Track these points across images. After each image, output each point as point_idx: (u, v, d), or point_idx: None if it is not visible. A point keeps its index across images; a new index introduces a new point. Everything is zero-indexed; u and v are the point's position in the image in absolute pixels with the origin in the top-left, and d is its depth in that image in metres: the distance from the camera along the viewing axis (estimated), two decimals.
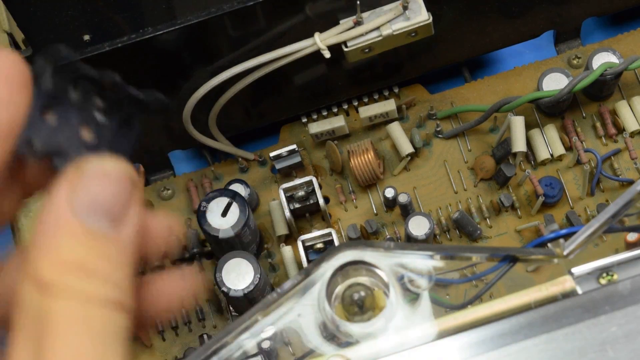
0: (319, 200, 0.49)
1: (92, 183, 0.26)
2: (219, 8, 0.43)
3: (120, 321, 0.26)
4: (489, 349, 0.35)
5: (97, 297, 0.26)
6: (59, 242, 0.26)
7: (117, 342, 0.26)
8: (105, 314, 0.26)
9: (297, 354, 0.37)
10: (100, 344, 0.26)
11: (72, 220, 0.26)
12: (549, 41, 0.55)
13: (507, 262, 0.38)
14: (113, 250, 0.27)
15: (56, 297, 0.26)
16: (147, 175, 0.53)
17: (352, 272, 0.37)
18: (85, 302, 0.26)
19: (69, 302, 0.26)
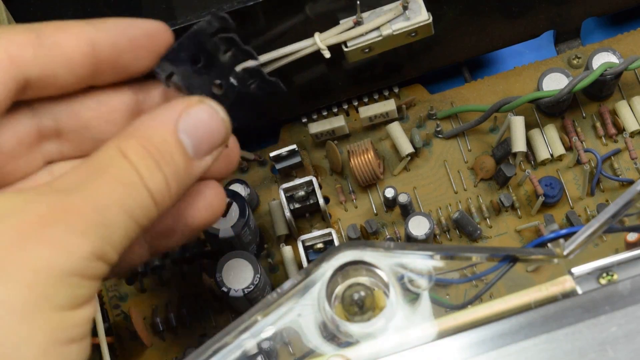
0: (319, 200, 0.49)
1: (201, 114, 0.33)
2: (219, 8, 0.43)
3: (149, 213, 0.32)
4: (489, 349, 0.35)
5: (148, 186, 0.32)
6: (153, 132, 0.32)
7: (133, 220, 0.31)
8: (144, 199, 0.32)
9: (297, 354, 0.37)
10: (122, 210, 0.31)
11: (171, 126, 0.33)
12: (549, 41, 0.55)
13: (507, 262, 0.38)
14: (182, 171, 0.33)
15: (124, 160, 0.32)
16: None
17: (352, 272, 0.37)
18: (138, 181, 0.32)
19: (129, 171, 0.32)
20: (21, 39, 0.32)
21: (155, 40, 0.34)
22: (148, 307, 0.50)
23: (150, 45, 0.34)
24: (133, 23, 0.34)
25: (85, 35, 0.33)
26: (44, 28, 0.33)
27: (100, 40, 0.33)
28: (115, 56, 0.34)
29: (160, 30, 0.35)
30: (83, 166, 0.32)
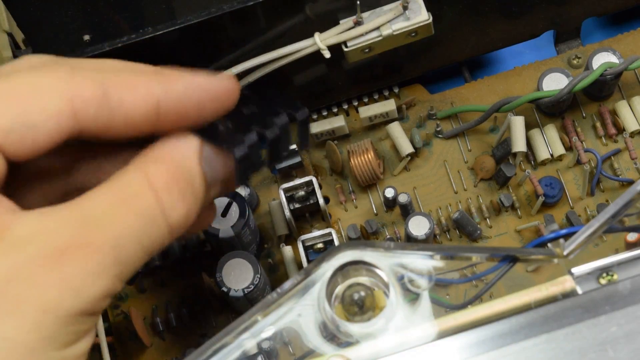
0: (319, 200, 0.49)
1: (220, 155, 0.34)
2: (219, 8, 0.43)
3: (163, 243, 0.32)
4: (489, 349, 0.35)
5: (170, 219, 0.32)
6: (181, 159, 0.33)
7: (147, 253, 0.31)
8: (163, 233, 0.32)
9: (297, 354, 0.37)
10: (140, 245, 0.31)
11: (196, 154, 0.33)
12: (549, 41, 0.55)
13: (507, 262, 0.38)
14: (200, 201, 0.33)
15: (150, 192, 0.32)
16: None
17: (352, 272, 0.37)
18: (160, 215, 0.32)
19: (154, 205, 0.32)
20: (88, 94, 0.31)
21: (223, 104, 0.34)
22: (148, 307, 0.50)
23: (216, 108, 0.34)
24: (203, 84, 0.33)
25: (152, 97, 0.32)
26: (112, 84, 0.32)
27: (167, 101, 0.33)
28: (176, 116, 0.33)
29: (229, 90, 0.34)
30: (110, 192, 0.32)
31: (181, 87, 0.33)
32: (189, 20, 0.43)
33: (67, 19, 0.44)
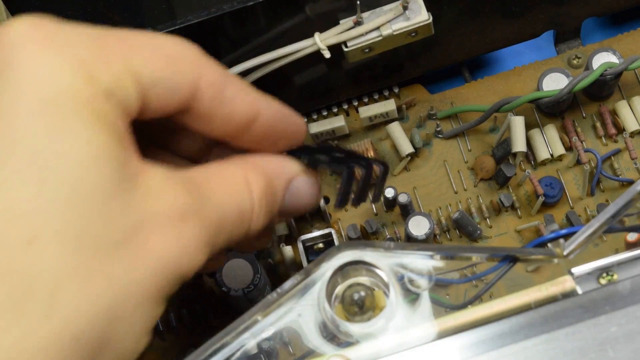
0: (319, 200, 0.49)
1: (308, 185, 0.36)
2: (219, 8, 0.43)
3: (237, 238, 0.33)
4: (489, 349, 0.35)
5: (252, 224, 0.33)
6: (277, 180, 0.34)
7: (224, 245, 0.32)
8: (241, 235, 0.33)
9: (297, 354, 0.37)
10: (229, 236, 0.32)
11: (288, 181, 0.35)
12: (549, 41, 0.55)
13: (507, 262, 0.38)
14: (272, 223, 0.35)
15: (249, 195, 0.33)
16: None
17: (352, 272, 0.37)
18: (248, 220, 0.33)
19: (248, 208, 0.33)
20: (213, 79, 0.32)
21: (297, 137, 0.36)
22: None
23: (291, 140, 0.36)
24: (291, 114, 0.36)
25: (256, 107, 0.34)
26: (231, 81, 0.33)
27: (265, 116, 0.34)
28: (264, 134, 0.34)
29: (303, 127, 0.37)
30: (219, 176, 0.33)
31: (278, 107, 0.35)
32: (189, 20, 0.43)
33: (67, 19, 0.44)
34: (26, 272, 0.26)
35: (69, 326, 0.27)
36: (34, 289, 0.27)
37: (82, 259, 0.27)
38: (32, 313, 0.27)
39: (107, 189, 0.28)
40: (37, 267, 0.26)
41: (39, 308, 0.27)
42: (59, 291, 0.27)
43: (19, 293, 0.26)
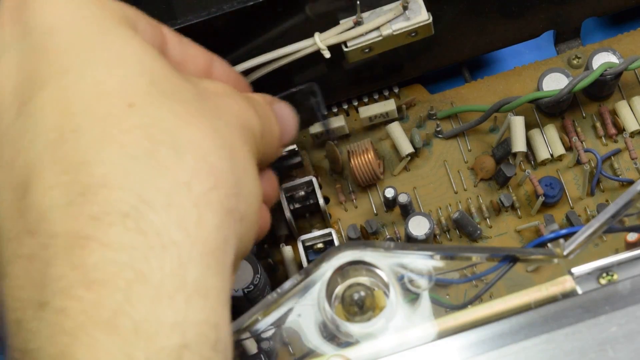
0: (319, 200, 0.49)
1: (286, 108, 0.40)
2: (218, 8, 0.43)
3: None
4: (489, 349, 0.35)
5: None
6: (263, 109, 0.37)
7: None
8: None
9: (297, 354, 0.37)
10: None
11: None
12: (549, 41, 0.55)
13: (507, 262, 0.38)
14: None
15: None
16: None
17: (352, 272, 0.37)
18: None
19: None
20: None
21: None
22: None
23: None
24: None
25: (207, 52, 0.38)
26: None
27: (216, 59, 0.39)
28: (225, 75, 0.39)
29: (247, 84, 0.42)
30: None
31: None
32: (189, 20, 0.43)
33: None
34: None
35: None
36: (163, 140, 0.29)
37: (181, 108, 0.30)
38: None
39: (172, 69, 0.32)
40: (146, 121, 0.29)
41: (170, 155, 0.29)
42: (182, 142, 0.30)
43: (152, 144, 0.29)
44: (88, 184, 0.28)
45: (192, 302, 0.27)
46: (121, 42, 0.31)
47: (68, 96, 0.29)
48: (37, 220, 0.28)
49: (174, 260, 0.27)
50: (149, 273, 0.27)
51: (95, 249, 0.27)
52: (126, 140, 0.28)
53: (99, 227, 0.27)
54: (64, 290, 0.27)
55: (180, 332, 0.27)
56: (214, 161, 0.30)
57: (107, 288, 0.27)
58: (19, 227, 0.28)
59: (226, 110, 0.33)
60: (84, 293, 0.26)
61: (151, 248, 0.27)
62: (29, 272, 0.27)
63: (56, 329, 0.26)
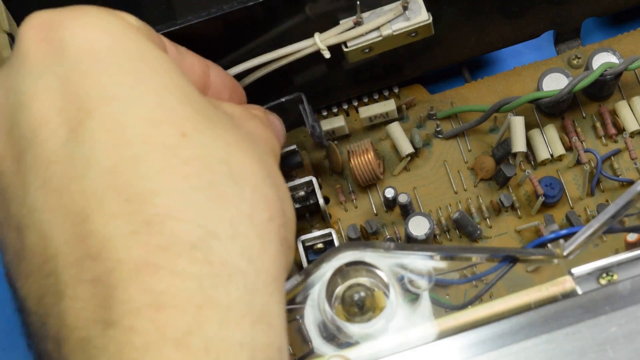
0: (319, 200, 0.49)
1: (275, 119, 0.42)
2: (219, 8, 0.43)
3: None
4: (489, 349, 0.35)
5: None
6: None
7: None
8: None
9: (297, 354, 0.37)
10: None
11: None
12: (549, 41, 0.55)
13: (507, 263, 0.38)
14: None
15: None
16: None
17: (352, 273, 0.37)
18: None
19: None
20: None
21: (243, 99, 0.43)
22: None
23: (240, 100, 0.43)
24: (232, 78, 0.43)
25: (203, 59, 0.40)
26: None
27: (212, 65, 0.41)
28: (222, 83, 0.41)
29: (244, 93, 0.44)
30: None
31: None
32: (189, 20, 0.43)
33: None
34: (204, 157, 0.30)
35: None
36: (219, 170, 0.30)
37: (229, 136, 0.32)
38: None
39: (201, 94, 0.33)
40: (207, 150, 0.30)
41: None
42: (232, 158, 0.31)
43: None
44: (153, 215, 0.28)
45: (259, 327, 0.29)
46: (162, 68, 0.31)
47: (120, 124, 0.29)
48: (99, 247, 0.28)
49: (240, 288, 0.28)
50: (217, 299, 0.28)
51: (163, 276, 0.28)
52: (186, 171, 0.29)
53: (167, 257, 0.28)
54: (132, 311, 0.27)
55: (249, 353, 0.28)
56: (266, 191, 0.31)
57: (177, 311, 0.27)
58: (79, 252, 0.28)
59: (257, 136, 0.34)
60: (154, 314, 0.27)
61: (218, 276, 0.28)
62: (93, 294, 0.28)
63: (125, 346, 0.27)
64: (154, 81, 0.31)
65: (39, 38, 0.31)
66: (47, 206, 0.29)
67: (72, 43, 0.31)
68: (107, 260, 0.28)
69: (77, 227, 0.28)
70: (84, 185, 0.29)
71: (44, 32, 0.31)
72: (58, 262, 0.29)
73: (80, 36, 0.31)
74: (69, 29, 0.31)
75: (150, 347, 0.27)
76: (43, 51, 0.31)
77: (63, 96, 0.30)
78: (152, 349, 0.27)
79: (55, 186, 0.29)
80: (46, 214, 0.29)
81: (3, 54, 0.49)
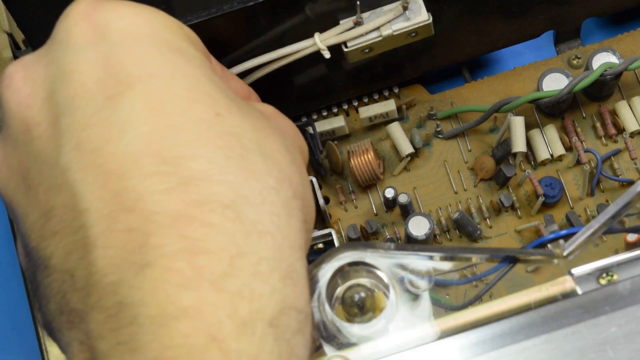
0: (319, 201, 0.49)
1: None
2: (219, 8, 0.43)
3: None
4: (489, 349, 0.35)
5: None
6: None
7: None
8: None
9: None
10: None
11: None
12: (549, 41, 0.55)
13: (507, 263, 0.38)
14: None
15: None
16: None
17: (352, 273, 0.37)
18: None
19: None
20: None
21: None
22: None
23: None
24: None
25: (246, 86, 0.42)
26: None
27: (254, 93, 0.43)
28: None
29: None
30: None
31: None
32: (189, 21, 0.43)
33: None
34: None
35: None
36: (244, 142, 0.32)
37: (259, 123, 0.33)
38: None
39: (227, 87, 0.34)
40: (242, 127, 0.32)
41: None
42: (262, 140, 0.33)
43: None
44: (189, 176, 0.30)
45: (287, 282, 0.30)
46: (196, 60, 0.34)
47: (159, 97, 0.31)
48: (135, 201, 0.29)
49: (270, 247, 0.30)
50: (249, 252, 0.30)
51: (199, 227, 0.29)
52: (221, 143, 0.31)
53: (201, 211, 0.29)
54: (169, 254, 0.29)
55: (279, 298, 0.30)
56: (291, 174, 0.33)
57: (213, 256, 0.29)
58: (113, 206, 0.29)
59: (286, 132, 0.36)
60: (191, 257, 0.29)
61: (249, 233, 0.30)
62: (127, 242, 0.29)
63: (161, 283, 0.28)
64: (191, 69, 0.33)
65: (83, 17, 0.33)
66: (80, 166, 0.30)
67: (114, 25, 0.33)
68: (143, 211, 0.29)
69: (112, 183, 0.30)
70: (120, 147, 0.30)
71: (89, 13, 0.33)
72: (90, 216, 0.30)
73: (123, 20, 0.33)
74: (113, 12, 0.33)
75: (187, 286, 0.28)
76: (86, 30, 0.33)
77: (104, 70, 0.32)
78: (189, 288, 0.28)
79: (91, 147, 0.30)
80: (80, 173, 0.30)
81: (3, 54, 0.49)
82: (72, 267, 0.30)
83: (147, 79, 0.31)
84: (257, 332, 0.29)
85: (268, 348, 0.29)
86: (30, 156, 0.32)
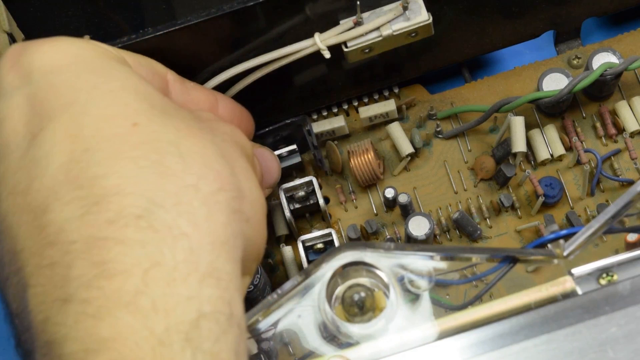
0: (319, 200, 0.49)
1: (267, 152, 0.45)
2: (219, 8, 0.43)
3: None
4: (489, 349, 0.35)
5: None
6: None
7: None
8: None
9: (297, 354, 0.37)
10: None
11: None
12: (549, 41, 0.55)
13: (507, 263, 0.38)
14: None
15: None
16: None
17: (352, 273, 0.37)
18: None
19: None
20: None
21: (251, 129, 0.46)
22: None
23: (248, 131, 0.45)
24: (242, 108, 0.45)
25: (212, 93, 0.44)
26: None
27: (222, 98, 0.44)
28: (229, 116, 0.44)
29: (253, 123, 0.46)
30: None
31: (231, 99, 0.45)
32: (189, 21, 0.43)
33: (67, 19, 0.44)
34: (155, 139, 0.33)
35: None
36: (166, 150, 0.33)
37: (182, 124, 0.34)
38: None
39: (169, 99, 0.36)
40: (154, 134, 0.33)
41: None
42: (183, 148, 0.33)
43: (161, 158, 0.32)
44: (102, 195, 0.31)
45: (205, 282, 0.30)
46: (120, 75, 0.34)
47: (77, 123, 0.32)
48: (56, 233, 0.30)
49: (186, 249, 0.30)
50: (163, 261, 0.30)
51: (112, 247, 0.30)
52: (135, 154, 0.31)
53: (114, 229, 0.30)
54: (85, 284, 0.29)
55: (196, 305, 0.30)
56: (218, 167, 0.33)
57: (124, 276, 0.29)
58: (40, 242, 0.31)
59: (219, 129, 0.37)
60: (105, 283, 0.29)
61: (163, 240, 0.30)
62: (51, 278, 0.30)
63: (80, 316, 0.29)
64: (111, 84, 0.34)
65: (12, 65, 0.35)
66: (15, 208, 0.32)
67: (36, 65, 0.34)
68: (63, 243, 0.30)
69: (38, 220, 0.31)
70: (43, 182, 0.31)
71: (15, 60, 0.35)
72: (23, 256, 0.31)
73: (44, 58, 0.35)
74: (35, 52, 0.35)
75: (103, 313, 0.29)
76: (14, 76, 0.35)
77: (30, 110, 0.33)
78: (105, 315, 0.29)
79: (21, 189, 0.32)
80: (15, 216, 0.32)
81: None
82: (19, 311, 0.31)
83: (66, 107, 0.32)
84: (175, 348, 0.29)
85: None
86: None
